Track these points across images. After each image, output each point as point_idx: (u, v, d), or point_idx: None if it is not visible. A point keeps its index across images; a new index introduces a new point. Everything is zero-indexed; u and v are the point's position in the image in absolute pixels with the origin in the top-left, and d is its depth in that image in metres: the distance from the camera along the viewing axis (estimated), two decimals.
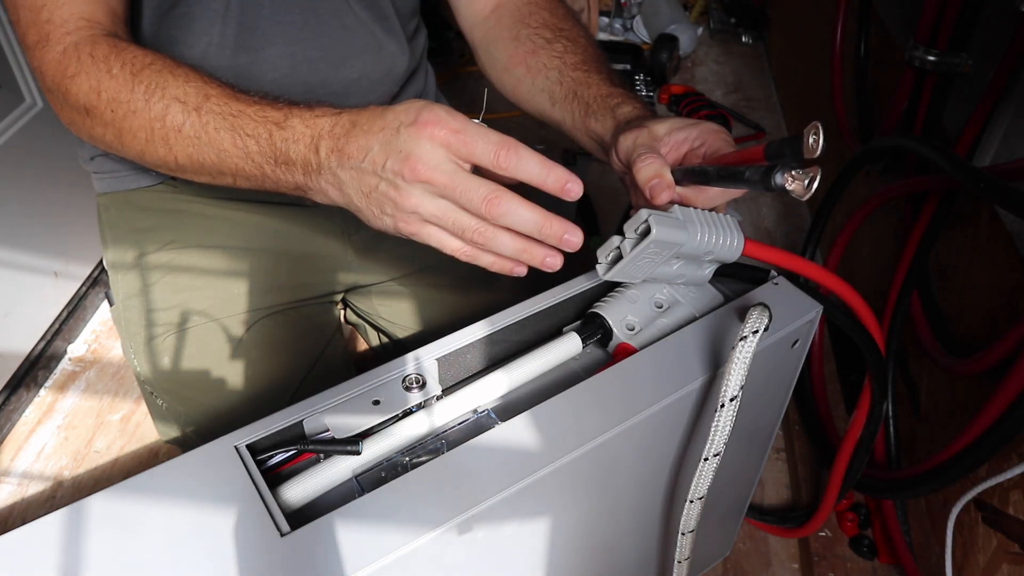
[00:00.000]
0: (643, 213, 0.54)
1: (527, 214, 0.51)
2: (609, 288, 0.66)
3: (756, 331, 0.52)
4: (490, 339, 0.62)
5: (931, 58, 0.92)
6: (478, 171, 0.52)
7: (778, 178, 0.49)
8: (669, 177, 0.58)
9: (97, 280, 1.38)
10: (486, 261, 0.55)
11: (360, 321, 1.00)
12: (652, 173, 0.58)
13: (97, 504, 0.48)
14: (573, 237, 0.52)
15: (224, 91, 0.60)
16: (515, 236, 0.53)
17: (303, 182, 0.57)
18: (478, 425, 0.57)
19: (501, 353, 0.65)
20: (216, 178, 0.62)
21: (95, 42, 0.63)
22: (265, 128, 0.57)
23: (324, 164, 0.55)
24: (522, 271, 0.55)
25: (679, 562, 0.68)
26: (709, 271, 0.63)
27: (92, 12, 0.65)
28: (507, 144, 0.51)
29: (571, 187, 0.52)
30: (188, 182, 0.85)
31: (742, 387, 0.52)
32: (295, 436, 0.55)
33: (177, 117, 0.59)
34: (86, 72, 0.62)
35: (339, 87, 0.81)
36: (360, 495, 0.49)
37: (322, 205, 0.89)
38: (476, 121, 0.52)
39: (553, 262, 0.54)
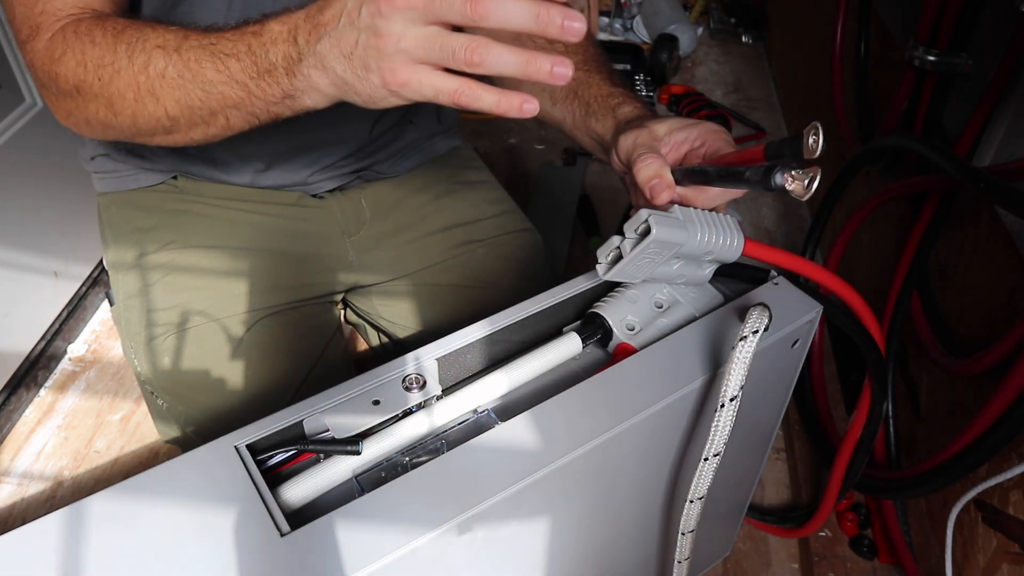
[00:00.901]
0: (643, 213, 0.54)
1: (517, 5, 0.45)
2: (609, 288, 0.66)
3: (756, 331, 0.52)
4: (490, 339, 0.62)
5: (931, 58, 0.92)
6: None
7: (778, 178, 0.49)
8: (669, 177, 0.58)
9: (97, 280, 1.38)
10: (489, 100, 0.49)
11: (360, 321, 1.00)
12: (652, 173, 0.58)
13: (97, 504, 0.48)
14: (575, 21, 0.46)
15: (202, 30, 0.59)
16: (512, 48, 0.47)
17: (288, 86, 0.55)
18: (478, 425, 0.57)
19: (501, 353, 0.65)
20: (209, 123, 0.60)
21: (79, 21, 0.63)
22: (244, 43, 0.55)
23: (304, 51, 0.52)
24: (533, 106, 0.49)
25: (679, 562, 0.68)
26: (709, 271, 0.63)
27: (89, 1, 0.64)
28: None
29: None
30: (190, 180, 0.86)
31: (742, 387, 0.52)
32: (295, 436, 0.55)
33: (159, 63, 0.58)
34: (71, 49, 0.61)
35: None
36: (360, 495, 0.49)
37: (322, 205, 0.90)
38: None
39: (562, 71, 0.47)
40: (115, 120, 0.63)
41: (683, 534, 0.64)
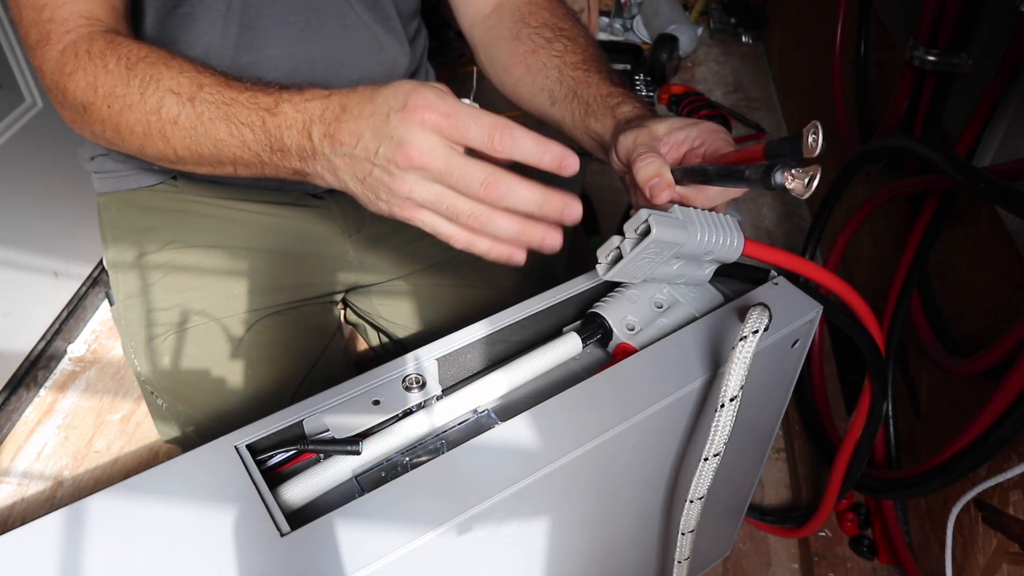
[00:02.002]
0: (643, 213, 0.54)
1: (527, 193, 0.50)
2: (609, 288, 0.66)
3: (756, 331, 0.52)
4: (490, 339, 0.62)
5: (931, 58, 0.92)
6: (472, 153, 0.51)
7: (778, 177, 0.49)
8: (669, 176, 0.58)
9: (97, 280, 1.38)
10: (483, 247, 0.53)
11: (360, 321, 1.00)
12: (652, 172, 0.58)
13: (97, 504, 0.48)
14: (574, 210, 0.51)
15: (217, 80, 0.59)
16: (512, 217, 0.51)
17: (300, 167, 0.56)
18: (478, 425, 0.57)
19: (501, 353, 0.65)
20: (217, 168, 0.62)
21: (92, 39, 0.63)
22: (258, 116, 0.56)
23: (318, 150, 0.54)
24: (521, 258, 0.53)
25: (679, 562, 0.68)
26: (709, 271, 0.63)
27: (92, 9, 0.65)
28: (500, 125, 0.50)
29: (568, 162, 0.50)
30: (189, 181, 0.86)
31: (742, 387, 0.52)
32: (295, 436, 0.55)
33: (172, 109, 0.59)
34: (83, 69, 0.62)
35: (340, 87, 0.81)
36: (360, 495, 0.49)
37: (322, 205, 0.90)
38: (467, 102, 0.51)
39: (552, 243, 0.52)
40: (121, 144, 0.65)
41: (683, 534, 0.64)
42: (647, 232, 0.54)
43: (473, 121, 0.50)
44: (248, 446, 0.52)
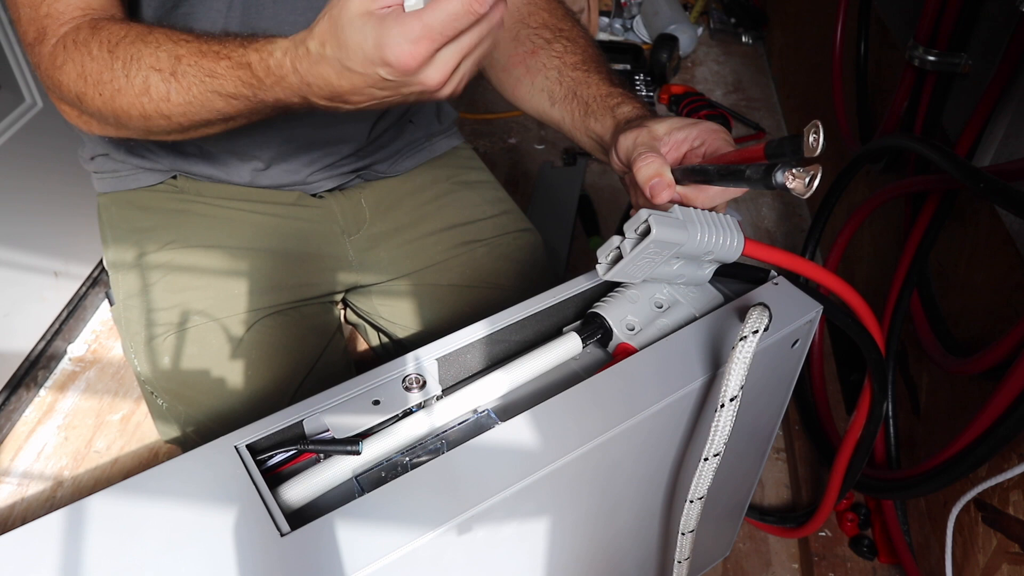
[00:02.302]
0: (643, 213, 0.54)
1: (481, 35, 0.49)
2: (609, 288, 0.66)
3: (756, 331, 0.52)
4: (490, 339, 0.62)
5: (931, 58, 0.92)
6: None
7: (779, 176, 0.49)
8: (669, 176, 0.58)
9: (97, 280, 1.38)
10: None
11: (360, 321, 1.00)
12: (652, 172, 0.58)
13: (97, 504, 0.48)
14: None
15: (191, 47, 0.59)
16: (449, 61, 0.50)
17: (284, 99, 0.57)
18: (478, 425, 0.57)
19: (501, 353, 0.65)
20: (228, 124, 0.63)
21: (78, 28, 0.63)
22: (236, 75, 0.57)
23: (292, 88, 0.55)
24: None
25: (679, 562, 0.68)
26: (709, 271, 0.63)
27: (88, 2, 0.64)
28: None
29: None
30: (190, 181, 0.86)
31: (742, 387, 0.52)
32: (295, 436, 0.55)
33: (159, 87, 0.59)
34: (71, 60, 0.62)
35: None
36: (360, 495, 0.49)
37: (322, 205, 0.90)
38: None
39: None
40: (126, 131, 0.65)
41: (683, 534, 0.64)
42: (647, 232, 0.54)
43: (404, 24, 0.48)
44: (248, 446, 0.52)
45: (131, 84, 0.60)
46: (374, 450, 0.53)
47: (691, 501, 0.60)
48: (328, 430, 0.54)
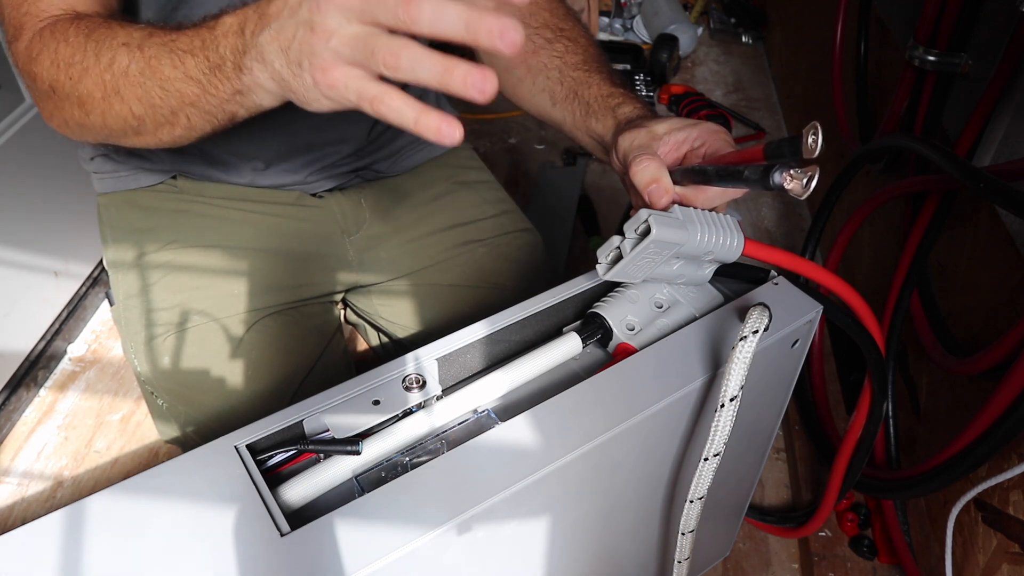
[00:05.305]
0: (643, 213, 0.54)
1: (451, 7, 0.42)
2: (609, 288, 0.66)
3: (756, 331, 0.52)
4: (490, 339, 0.62)
5: (931, 58, 0.92)
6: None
7: (777, 177, 0.49)
8: (667, 182, 0.58)
9: (97, 280, 1.38)
10: (408, 116, 0.45)
11: (360, 321, 1.00)
12: (649, 177, 0.57)
13: (97, 504, 0.48)
14: (511, 32, 0.42)
15: (169, 27, 0.58)
16: (431, 54, 0.44)
17: (237, 81, 0.53)
18: (478, 425, 0.57)
19: (501, 353, 0.65)
20: (173, 123, 0.60)
21: (58, 20, 0.62)
22: (199, 37, 0.55)
23: (248, 41, 0.51)
24: (453, 134, 0.45)
25: (679, 562, 0.68)
26: (709, 271, 0.63)
27: (72, 3, 0.64)
28: None
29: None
30: (189, 181, 0.86)
31: (742, 387, 0.52)
32: (295, 436, 0.55)
33: (123, 60, 0.58)
34: (46, 48, 0.61)
35: None
36: (360, 495, 0.49)
37: (322, 205, 0.90)
38: None
39: (483, 83, 0.43)
40: (87, 120, 0.63)
41: (683, 534, 0.64)
42: (647, 232, 0.54)
43: None
44: (248, 446, 0.52)
45: (99, 61, 0.58)
46: (374, 450, 0.53)
47: (691, 501, 0.60)
48: (328, 430, 0.54)
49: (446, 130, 0.45)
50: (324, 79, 0.47)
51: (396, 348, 0.96)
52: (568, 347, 0.62)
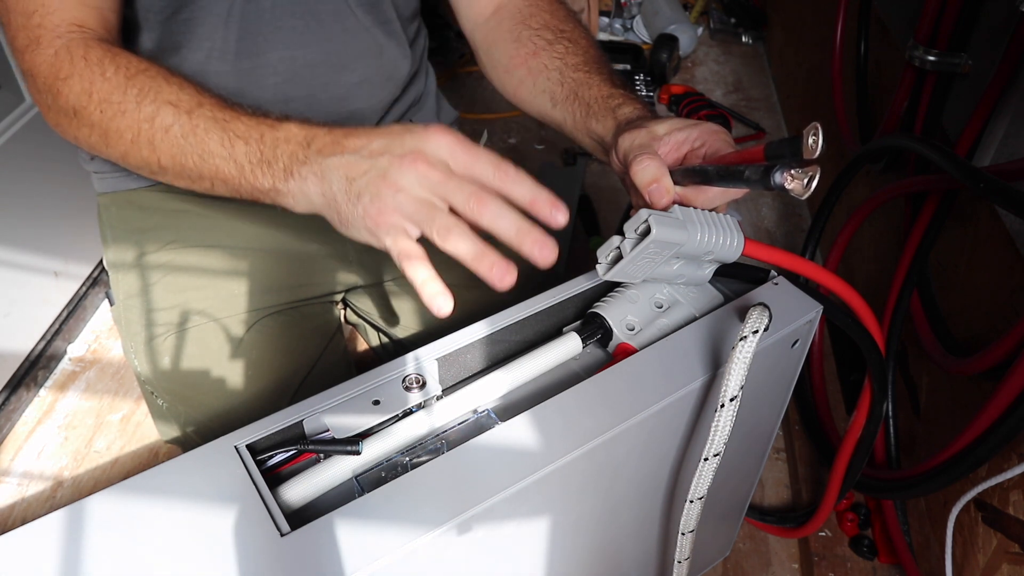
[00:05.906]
0: (643, 213, 0.54)
1: (510, 214, 0.52)
2: (609, 288, 0.66)
3: (756, 331, 0.52)
4: (490, 339, 0.62)
5: (931, 58, 0.92)
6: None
7: (777, 177, 0.49)
8: (668, 182, 0.58)
9: (97, 280, 1.38)
10: (418, 279, 0.54)
11: (360, 321, 1.00)
12: (650, 177, 0.57)
13: (97, 504, 0.48)
14: (547, 251, 0.53)
15: (217, 100, 0.62)
16: (474, 239, 0.52)
17: (281, 182, 0.58)
18: (478, 425, 0.57)
19: (501, 353, 0.65)
20: (195, 182, 0.63)
21: (88, 46, 0.64)
22: (257, 130, 0.58)
23: (312, 157, 0.56)
24: (443, 308, 0.54)
25: (679, 562, 0.68)
26: (709, 271, 0.63)
27: (83, 18, 0.66)
28: (505, 162, 0.53)
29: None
30: None
31: (742, 387, 0.52)
32: (295, 436, 0.55)
33: (167, 118, 0.60)
34: (79, 74, 0.63)
35: (340, 91, 0.81)
36: (360, 495, 0.49)
37: None
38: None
39: (503, 273, 0.53)
40: (105, 149, 0.65)
41: (683, 534, 0.64)
42: (647, 232, 0.54)
43: (483, 151, 0.53)
44: (248, 446, 0.52)
45: (139, 110, 0.61)
46: (374, 450, 0.53)
47: (691, 501, 0.60)
48: (328, 430, 0.54)
49: (442, 306, 0.54)
50: (377, 218, 0.53)
51: (396, 348, 0.96)
52: (568, 347, 0.62)
